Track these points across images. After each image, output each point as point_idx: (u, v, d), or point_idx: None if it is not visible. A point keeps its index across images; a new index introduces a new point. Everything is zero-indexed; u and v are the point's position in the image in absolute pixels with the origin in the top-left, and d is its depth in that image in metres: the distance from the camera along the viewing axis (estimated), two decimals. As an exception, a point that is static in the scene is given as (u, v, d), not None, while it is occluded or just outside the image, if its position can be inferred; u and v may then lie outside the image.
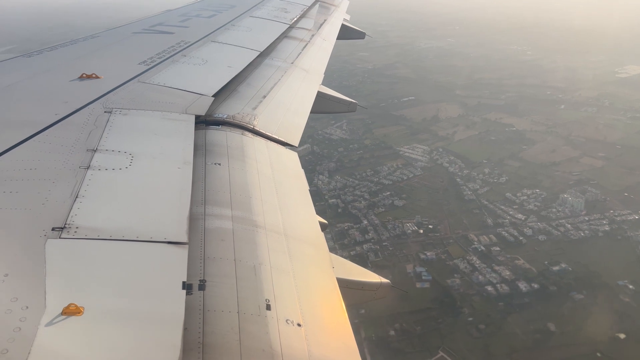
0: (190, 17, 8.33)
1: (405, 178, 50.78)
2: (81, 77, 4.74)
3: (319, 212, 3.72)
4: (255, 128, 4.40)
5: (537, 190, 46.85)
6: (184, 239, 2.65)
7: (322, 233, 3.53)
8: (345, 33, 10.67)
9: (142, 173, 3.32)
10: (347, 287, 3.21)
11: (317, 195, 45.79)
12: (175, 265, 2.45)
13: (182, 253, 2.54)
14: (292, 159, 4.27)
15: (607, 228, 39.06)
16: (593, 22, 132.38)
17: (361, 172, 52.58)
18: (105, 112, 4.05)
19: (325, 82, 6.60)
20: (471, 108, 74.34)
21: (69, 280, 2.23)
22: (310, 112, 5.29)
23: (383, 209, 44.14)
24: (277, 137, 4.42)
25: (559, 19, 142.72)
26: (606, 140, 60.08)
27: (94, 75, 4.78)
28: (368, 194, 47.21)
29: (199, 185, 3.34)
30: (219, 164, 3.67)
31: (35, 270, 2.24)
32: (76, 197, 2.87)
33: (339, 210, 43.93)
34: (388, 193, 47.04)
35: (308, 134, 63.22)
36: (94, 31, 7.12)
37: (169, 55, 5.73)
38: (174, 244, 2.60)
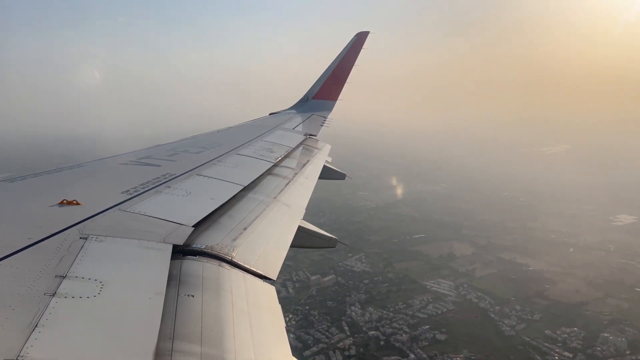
0: (178, 152, 8.62)
1: (439, 312, 54.34)
2: (61, 203, 4.71)
3: (358, 345, 3.54)
4: (234, 260, 4.31)
5: (576, 329, 49.90)
6: (147, 377, 2.42)
7: None
8: (327, 173, 11.07)
9: (111, 302, 3.14)
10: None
11: (354, 327, 49.25)
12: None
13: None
14: (269, 294, 4.12)
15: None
16: (581, 175, 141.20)
17: (393, 305, 56.55)
18: (80, 238, 3.96)
19: (332, 218, 6.74)
20: (482, 247, 78.88)
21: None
22: (291, 246, 5.25)
23: (426, 343, 46.84)
24: (255, 270, 4.31)
25: (546, 169, 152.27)
26: (624, 282, 63.18)
27: (74, 202, 4.76)
28: (407, 326, 49.66)
29: (169, 318, 3.15)
30: (192, 296, 3.51)
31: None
32: (35, 326, 2.66)
33: (381, 342, 47.31)
34: (427, 327, 50.79)
35: (329, 265, 70.19)
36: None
37: (152, 186, 5.80)
38: (135, 382, 2.37)
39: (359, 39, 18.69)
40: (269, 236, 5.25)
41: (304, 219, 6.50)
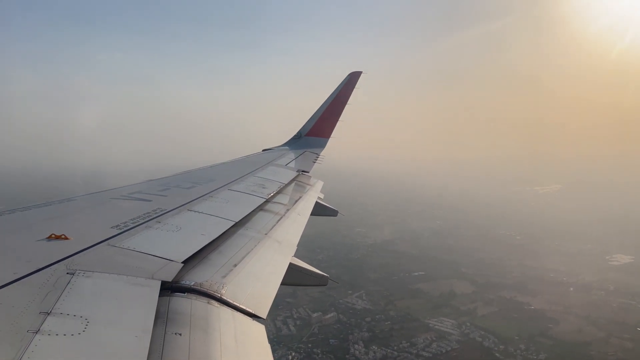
0: (169, 187, 8.60)
1: (443, 351, 54.66)
2: (49, 238, 4.66)
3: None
4: (223, 297, 4.25)
5: (583, 369, 49.68)
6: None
7: None
8: (319, 210, 11.06)
9: (95, 340, 3.07)
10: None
11: (359, 366, 48.60)
12: None
13: None
14: (259, 332, 4.05)
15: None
16: (574, 213, 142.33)
17: (397, 343, 56.81)
18: (67, 273, 3.90)
19: (330, 255, 6.69)
20: (482, 285, 79.57)
21: None
22: (282, 284, 5.19)
23: (433, 382, 46.61)
24: (244, 308, 4.25)
25: (540, 208, 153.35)
26: (626, 322, 63.50)
27: (63, 236, 4.71)
28: (412, 366, 49.98)
29: (155, 356, 3.08)
30: (180, 334, 3.44)
31: None
32: (16, 364, 2.59)
33: (388, 382, 46.27)
34: (433, 366, 49.88)
35: (329, 303, 70.26)
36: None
37: (143, 221, 5.76)
38: None
39: (352, 79, 19.05)
40: (259, 273, 5.20)
41: (296, 255, 6.45)
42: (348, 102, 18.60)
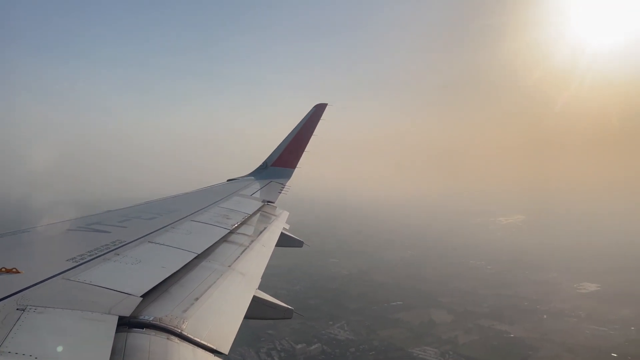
0: (130, 218, 8.38)
1: None
2: (-1, 272, 4.43)
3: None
4: (183, 332, 4.10)
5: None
6: None
7: None
8: (285, 241, 10.99)
9: (45, 381, 2.90)
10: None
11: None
12: None
13: None
14: (220, 369, 3.92)
15: None
16: (538, 243, 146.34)
17: None
18: (17, 309, 3.69)
19: (307, 286, 6.59)
20: (460, 314, 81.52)
21: None
22: (245, 318, 5.07)
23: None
24: (206, 344, 4.11)
25: (505, 238, 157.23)
26: (600, 348, 66.43)
27: (14, 270, 4.48)
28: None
29: (110, 397, 2.92)
30: (138, 373, 3.29)
31: None
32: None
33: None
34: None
35: (312, 334, 70.14)
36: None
37: (100, 254, 5.57)
38: None
39: (317, 111, 19.28)
40: (222, 307, 5.07)
41: (273, 287, 6.37)
42: (314, 134, 18.78)
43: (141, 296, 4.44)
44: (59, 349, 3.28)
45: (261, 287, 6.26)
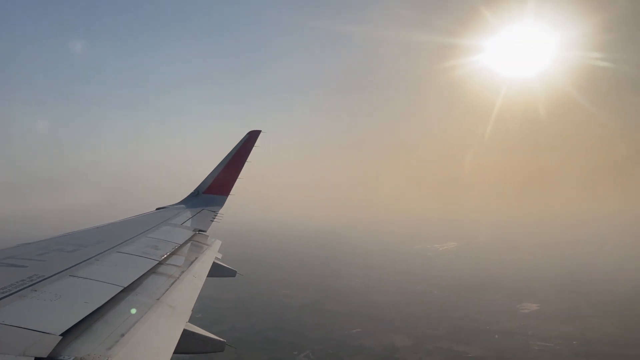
0: (50, 251, 7.88)
1: None
2: None
3: None
4: (107, 372, 3.88)
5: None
6: None
7: None
8: (217, 271, 10.74)
9: None
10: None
11: None
12: None
13: None
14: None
15: None
16: (474, 267, 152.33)
17: None
18: None
19: (262, 318, 6.38)
20: (419, 338, 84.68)
21: None
22: (175, 353, 4.87)
23: None
24: (132, 382, 3.91)
25: (444, 264, 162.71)
26: None
27: None
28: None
29: None
30: (55, 419, 3.06)
31: None
32: None
33: None
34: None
35: None
36: None
37: (15, 290, 5.18)
38: None
39: (251, 138, 19.22)
40: (150, 342, 4.84)
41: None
42: (248, 160, 18.67)
43: (61, 334, 4.16)
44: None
45: (214, 323, 6.10)
